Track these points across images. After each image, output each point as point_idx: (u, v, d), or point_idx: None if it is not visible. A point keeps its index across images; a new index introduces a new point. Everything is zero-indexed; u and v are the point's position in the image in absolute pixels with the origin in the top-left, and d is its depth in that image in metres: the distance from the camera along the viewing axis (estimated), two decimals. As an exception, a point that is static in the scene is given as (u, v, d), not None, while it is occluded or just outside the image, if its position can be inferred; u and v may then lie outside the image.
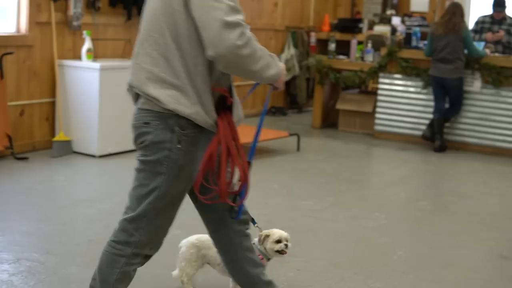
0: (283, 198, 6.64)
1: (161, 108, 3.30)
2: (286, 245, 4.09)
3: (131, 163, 7.53)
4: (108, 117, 7.78)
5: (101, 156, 7.78)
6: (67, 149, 7.81)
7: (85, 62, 7.82)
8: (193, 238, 4.37)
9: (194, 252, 4.27)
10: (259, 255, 3.98)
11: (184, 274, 4.23)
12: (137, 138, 3.51)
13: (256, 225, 4.00)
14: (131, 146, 7.93)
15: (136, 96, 3.53)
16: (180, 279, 4.26)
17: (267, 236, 4.10)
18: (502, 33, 10.10)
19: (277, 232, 4.11)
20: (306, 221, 5.92)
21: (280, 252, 4.08)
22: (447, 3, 9.83)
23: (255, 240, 4.09)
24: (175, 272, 4.39)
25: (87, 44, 7.85)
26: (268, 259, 4.12)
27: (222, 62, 3.21)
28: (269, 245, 4.07)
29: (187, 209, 3.80)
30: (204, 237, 4.27)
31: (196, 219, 3.85)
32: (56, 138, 7.80)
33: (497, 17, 10.31)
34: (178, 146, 3.34)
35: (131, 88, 3.57)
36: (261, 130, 4.10)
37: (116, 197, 6.25)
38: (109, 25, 8.50)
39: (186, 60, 3.26)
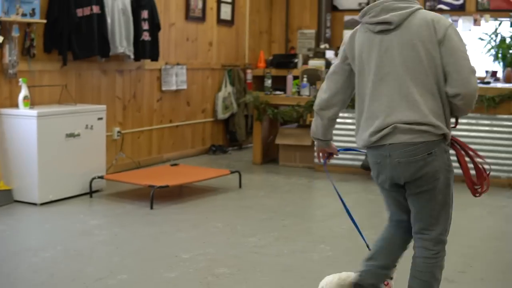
0: (227, 236, 6.65)
1: (436, 135, 4.03)
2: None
3: (73, 209, 7.51)
4: (48, 164, 7.73)
5: (42, 204, 7.71)
6: (7, 198, 7.72)
7: (22, 110, 7.76)
8: (335, 278, 4.49)
9: None
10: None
11: None
12: (419, 170, 4.07)
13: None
14: (72, 192, 7.96)
15: (386, 136, 4.01)
16: None
17: None
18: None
19: None
20: (252, 257, 5.94)
21: None
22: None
23: None
24: None
25: (23, 92, 7.80)
26: None
27: (465, 99, 3.95)
28: None
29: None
30: (344, 275, 4.44)
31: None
32: (-4, 188, 7.73)
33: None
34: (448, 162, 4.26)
35: (395, 127, 3.96)
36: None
37: (59, 245, 6.20)
38: (45, 72, 8.47)
39: (442, 93, 3.96)
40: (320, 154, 4.79)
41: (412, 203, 4.19)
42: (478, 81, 9.67)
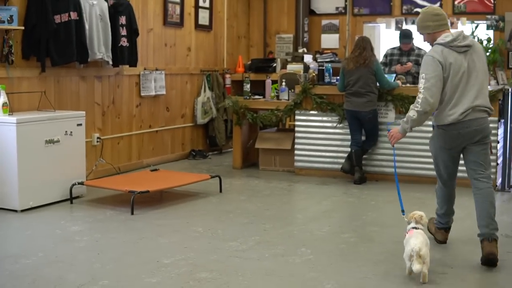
0: (208, 240, 6.66)
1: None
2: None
3: (53, 216, 7.49)
4: (28, 171, 7.71)
5: (22, 211, 7.69)
6: (-13, 206, 7.72)
7: (1, 116, 7.73)
8: (421, 238, 5.53)
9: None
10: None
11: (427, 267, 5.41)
12: (482, 132, 6.08)
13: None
14: (52, 198, 7.94)
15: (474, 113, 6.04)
16: (426, 272, 5.38)
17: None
18: (410, 64, 10.37)
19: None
20: (233, 261, 5.95)
21: None
22: (356, 38, 10.05)
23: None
24: (418, 267, 5.34)
25: (2, 98, 7.78)
26: None
27: None
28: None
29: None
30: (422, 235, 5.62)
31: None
32: (-25, 195, 7.70)
33: (405, 48, 10.59)
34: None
35: (475, 107, 6.03)
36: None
37: (40, 251, 6.18)
38: (24, 78, 8.45)
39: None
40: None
41: (475, 155, 6.13)
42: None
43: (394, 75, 10.01)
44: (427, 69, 5.97)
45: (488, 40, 12.30)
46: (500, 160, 9.41)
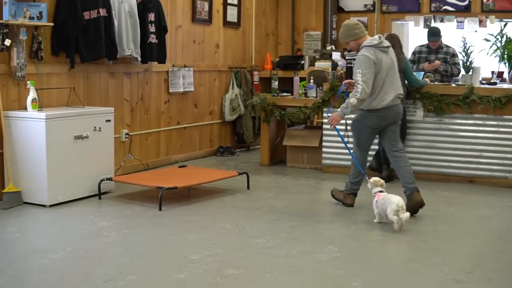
0: (235, 237, 6.67)
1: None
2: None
3: (82, 211, 7.56)
4: (57, 166, 7.76)
5: (51, 206, 7.74)
6: (17, 200, 7.76)
7: (31, 112, 7.80)
8: (398, 197, 7.04)
9: None
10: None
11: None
12: (400, 115, 7.79)
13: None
14: (81, 194, 8.02)
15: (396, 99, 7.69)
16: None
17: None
18: (438, 62, 10.31)
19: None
20: (260, 258, 5.95)
21: None
22: (385, 35, 10.00)
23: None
24: (407, 215, 6.83)
25: (31, 94, 7.84)
26: None
27: None
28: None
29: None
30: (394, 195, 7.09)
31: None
32: (5, 190, 7.74)
33: (433, 46, 10.53)
34: None
35: (398, 95, 7.71)
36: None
37: (68, 246, 6.22)
38: (53, 74, 8.50)
39: None
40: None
41: (393, 132, 7.75)
42: (484, 82, 9.79)
43: (423, 73, 9.95)
44: (363, 66, 7.37)
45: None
46: None
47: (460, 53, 10.23)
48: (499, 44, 11.49)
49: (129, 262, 5.79)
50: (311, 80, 10.49)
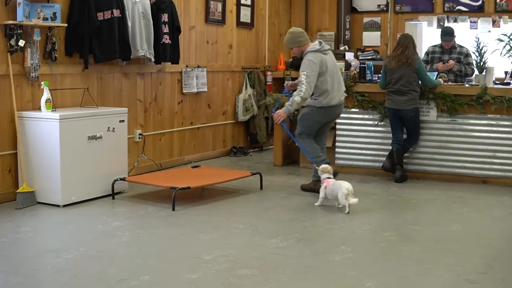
0: (248, 237, 6.67)
1: None
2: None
3: (95, 211, 7.58)
4: (70, 166, 7.79)
5: (65, 206, 7.77)
6: (31, 200, 7.79)
7: (45, 112, 7.83)
8: (347, 182, 7.78)
9: None
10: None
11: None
12: (342, 112, 8.91)
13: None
14: (94, 194, 8.06)
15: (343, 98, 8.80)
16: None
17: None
18: (452, 62, 10.29)
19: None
20: (273, 258, 5.96)
21: None
22: (398, 36, 10.00)
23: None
24: (355, 200, 7.63)
25: (45, 95, 7.87)
26: None
27: None
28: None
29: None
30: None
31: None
32: (19, 190, 7.77)
33: (446, 46, 10.51)
34: None
35: (343, 93, 8.75)
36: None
37: (82, 246, 6.24)
38: (67, 75, 8.53)
39: None
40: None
41: (327, 127, 8.83)
42: (498, 82, 9.76)
43: (436, 73, 9.94)
44: (308, 69, 8.22)
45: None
46: None
47: (474, 53, 10.19)
48: (512, 44, 11.45)
49: (142, 262, 5.80)
50: (324, 81, 10.48)
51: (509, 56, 11.10)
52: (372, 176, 9.76)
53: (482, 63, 9.90)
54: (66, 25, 8.37)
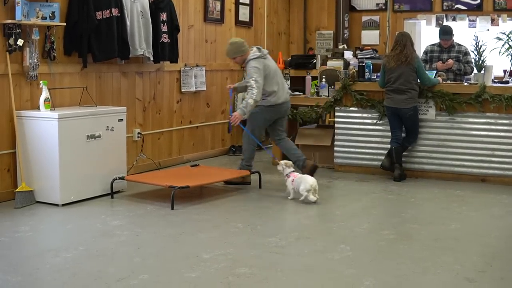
0: (247, 236, 6.68)
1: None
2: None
3: (94, 210, 7.58)
4: (69, 166, 7.79)
5: (64, 205, 7.77)
6: (30, 199, 7.79)
7: (43, 112, 7.83)
8: (313, 178, 8.11)
9: None
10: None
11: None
12: (289, 109, 9.48)
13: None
14: (93, 193, 8.06)
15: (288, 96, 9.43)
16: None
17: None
18: (451, 62, 10.28)
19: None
20: (272, 257, 5.96)
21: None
22: (396, 34, 9.99)
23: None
24: (314, 198, 7.96)
25: (44, 94, 7.87)
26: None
27: None
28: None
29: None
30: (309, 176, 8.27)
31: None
32: (18, 189, 7.77)
33: (445, 45, 10.49)
34: None
35: (288, 91, 9.49)
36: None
37: (81, 245, 6.25)
38: (66, 74, 8.53)
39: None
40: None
41: (282, 123, 9.28)
42: (496, 80, 9.75)
43: (435, 72, 9.94)
44: (255, 74, 8.74)
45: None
46: None
47: (472, 51, 10.19)
48: (511, 43, 11.45)
49: (141, 261, 5.81)
50: (323, 79, 10.50)
51: (507, 55, 11.12)
52: (371, 175, 9.76)
53: (480, 61, 9.91)
54: (64, 24, 8.37)
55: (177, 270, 5.58)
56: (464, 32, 12.05)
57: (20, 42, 7.76)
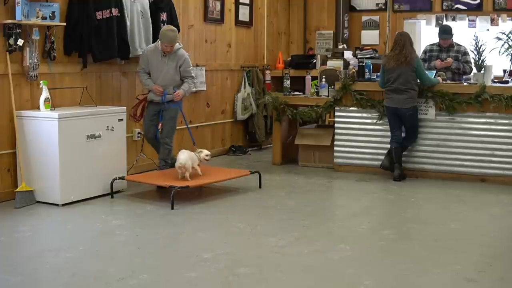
0: (247, 236, 6.68)
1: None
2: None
3: (94, 210, 7.58)
4: (69, 165, 7.79)
5: (64, 205, 7.77)
6: (30, 199, 7.79)
7: (44, 111, 7.84)
8: (186, 155, 8.27)
9: None
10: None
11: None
12: None
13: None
14: (93, 193, 8.06)
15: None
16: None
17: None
18: (450, 60, 10.27)
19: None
20: (272, 257, 5.97)
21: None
22: (396, 34, 9.99)
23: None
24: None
25: (44, 94, 7.87)
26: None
27: None
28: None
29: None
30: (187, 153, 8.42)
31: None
32: (18, 189, 7.78)
33: (444, 44, 10.49)
34: None
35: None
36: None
37: (81, 245, 6.25)
38: (66, 74, 8.53)
39: None
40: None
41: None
42: (496, 80, 9.75)
43: (434, 71, 9.94)
44: (190, 64, 9.10)
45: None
46: None
47: (472, 51, 10.19)
48: (511, 43, 11.44)
49: (141, 261, 5.81)
50: (323, 79, 10.49)
51: (507, 55, 11.11)
52: (371, 175, 9.76)
53: (480, 61, 9.90)
54: (64, 24, 8.37)
55: (177, 269, 5.59)
56: (464, 32, 12.05)
57: (20, 42, 7.76)
